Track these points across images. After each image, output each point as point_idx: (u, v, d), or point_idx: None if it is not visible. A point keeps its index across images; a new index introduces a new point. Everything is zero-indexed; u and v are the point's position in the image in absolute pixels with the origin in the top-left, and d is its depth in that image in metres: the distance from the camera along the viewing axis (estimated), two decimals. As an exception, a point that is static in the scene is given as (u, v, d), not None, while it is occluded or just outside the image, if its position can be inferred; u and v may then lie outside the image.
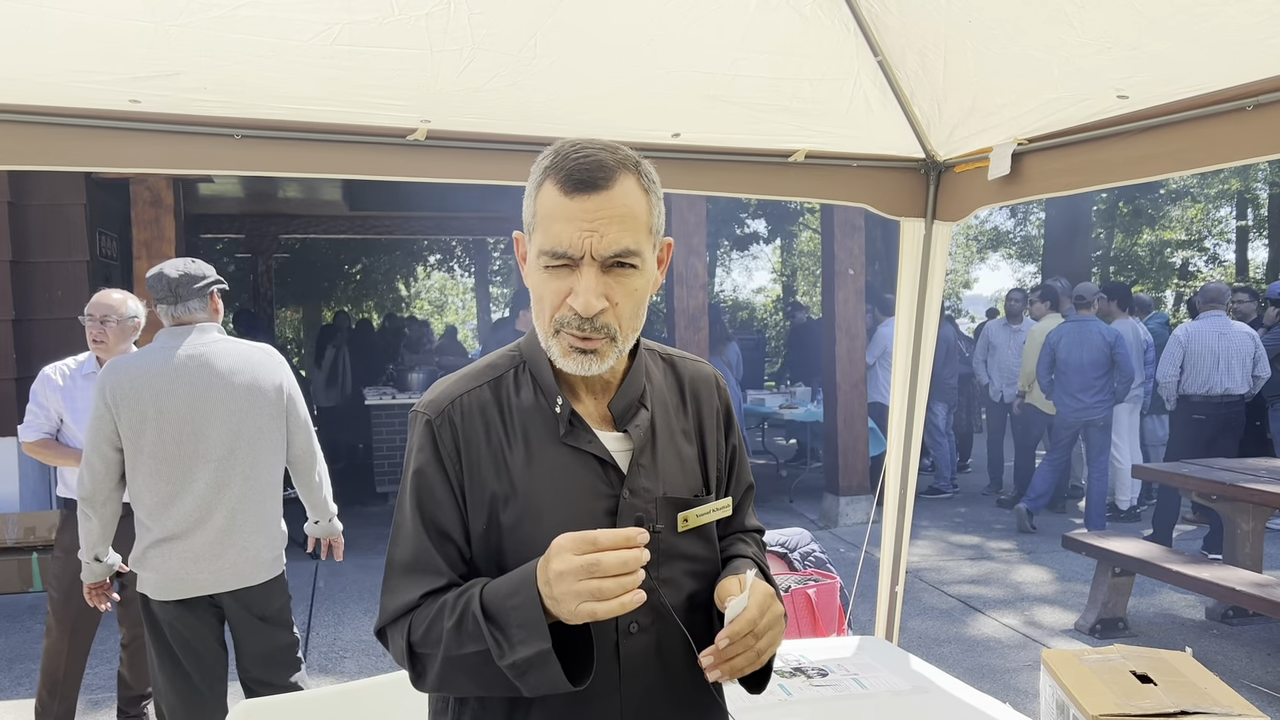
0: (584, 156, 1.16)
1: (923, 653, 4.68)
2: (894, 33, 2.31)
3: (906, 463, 3.08)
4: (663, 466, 1.29)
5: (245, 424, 2.84)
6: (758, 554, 1.42)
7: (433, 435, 1.25)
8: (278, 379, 2.93)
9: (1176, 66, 2.01)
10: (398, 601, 1.22)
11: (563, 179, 1.16)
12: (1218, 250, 21.12)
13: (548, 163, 1.19)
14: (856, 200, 2.90)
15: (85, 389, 3.49)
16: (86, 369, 3.50)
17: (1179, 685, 1.64)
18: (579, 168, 1.15)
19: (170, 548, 2.78)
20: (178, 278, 2.95)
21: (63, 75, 2.10)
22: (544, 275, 1.18)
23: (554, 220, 1.16)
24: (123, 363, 2.85)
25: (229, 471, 2.81)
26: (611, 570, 1.03)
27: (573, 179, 1.15)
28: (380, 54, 2.14)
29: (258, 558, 2.88)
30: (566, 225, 1.15)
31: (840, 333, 7.62)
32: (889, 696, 2.16)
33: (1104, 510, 7.16)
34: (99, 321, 3.43)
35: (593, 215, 1.15)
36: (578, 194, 1.15)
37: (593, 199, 1.15)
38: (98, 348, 3.47)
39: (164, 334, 2.95)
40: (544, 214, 1.18)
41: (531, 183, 1.22)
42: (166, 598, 2.80)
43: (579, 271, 1.16)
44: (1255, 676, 4.43)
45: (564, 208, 1.15)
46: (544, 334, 1.22)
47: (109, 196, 7.03)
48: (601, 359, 1.20)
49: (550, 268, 1.17)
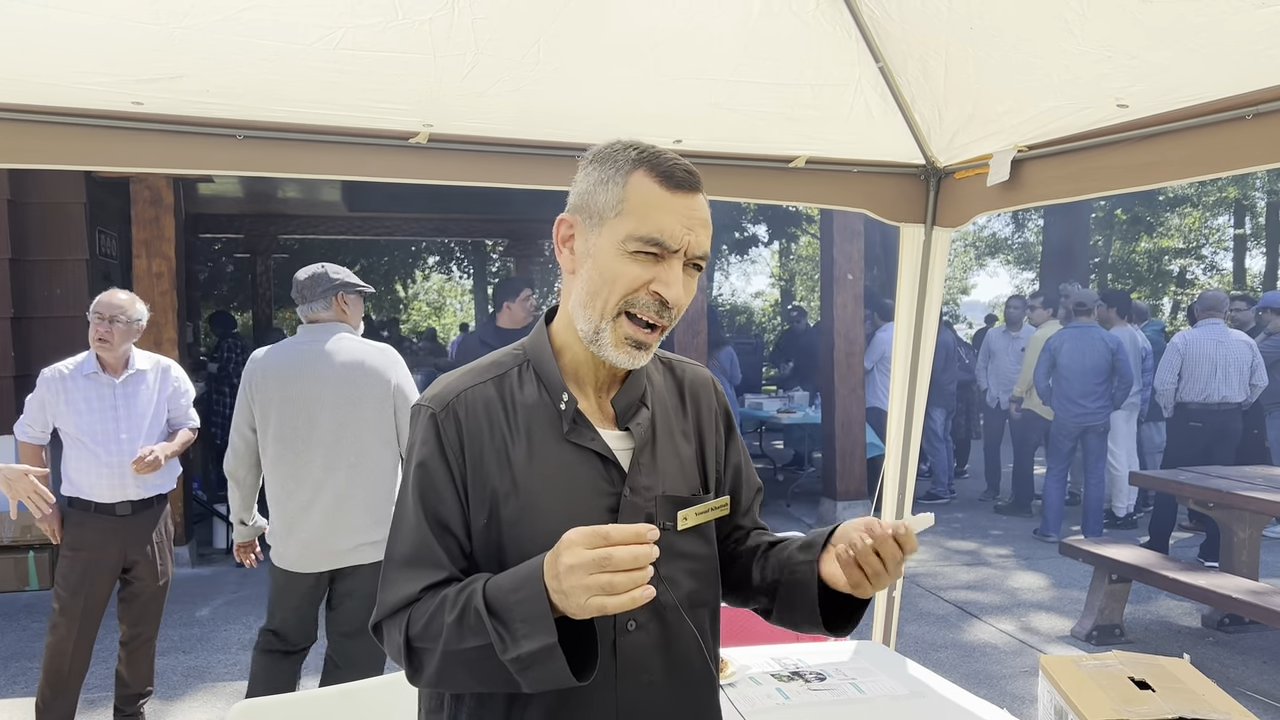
0: (677, 161, 1.22)
1: (919, 658, 4.68)
2: (895, 39, 2.32)
3: (905, 467, 3.08)
4: (662, 465, 1.30)
5: (352, 415, 3.13)
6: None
7: (437, 429, 1.25)
8: (389, 375, 3.21)
9: (1176, 76, 2.02)
10: (397, 595, 1.22)
11: (664, 174, 1.21)
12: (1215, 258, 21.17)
13: (635, 155, 1.23)
14: (856, 205, 2.91)
15: (86, 389, 3.48)
16: (87, 369, 3.50)
17: (1177, 692, 1.64)
18: (678, 167, 1.22)
19: (292, 524, 3.15)
20: (305, 280, 3.29)
21: (66, 77, 2.10)
22: (626, 260, 1.21)
23: (656, 210, 1.20)
24: (261, 354, 3.25)
25: (336, 458, 3.12)
26: (623, 565, 1.03)
27: (674, 176, 1.21)
28: (383, 58, 2.15)
29: (363, 540, 3.16)
30: (670, 217, 1.20)
31: (839, 337, 7.63)
32: (886, 701, 2.16)
33: (1101, 517, 7.17)
34: (107, 321, 3.43)
35: (691, 215, 1.21)
36: (680, 191, 1.21)
37: (691, 199, 1.22)
38: (101, 346, 3.46)
39: (300, 329, 3.33)
40: (640, 202, 1.21)
41: (611, 169, 1.23)
42: (286, 568, 3.19)
43: (667, 264, 1.21)
44: (1251, 684, 4.44)
45: (667, 200, 1.20)
46: (600, 316, 1.23)
47: (109, 195, 7.03)
48: (648, 354, 1.25)
49: (638, 253, 1.20)
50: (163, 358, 3.72)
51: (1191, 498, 5.25)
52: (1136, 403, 7.75)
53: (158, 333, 6.38)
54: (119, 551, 3.54)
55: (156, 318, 6.40)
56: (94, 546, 3.49)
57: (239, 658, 4.79)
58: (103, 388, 3.49)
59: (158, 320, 6.41)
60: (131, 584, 3.63)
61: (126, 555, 3.56)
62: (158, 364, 3.66)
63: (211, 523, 7.06)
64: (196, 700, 4.28)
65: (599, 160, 1.25)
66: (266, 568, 3.34)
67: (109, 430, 3.48)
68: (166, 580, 3.70)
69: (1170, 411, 6.92)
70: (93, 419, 3.46)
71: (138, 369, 3.57)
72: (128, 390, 3.54)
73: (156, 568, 3.64)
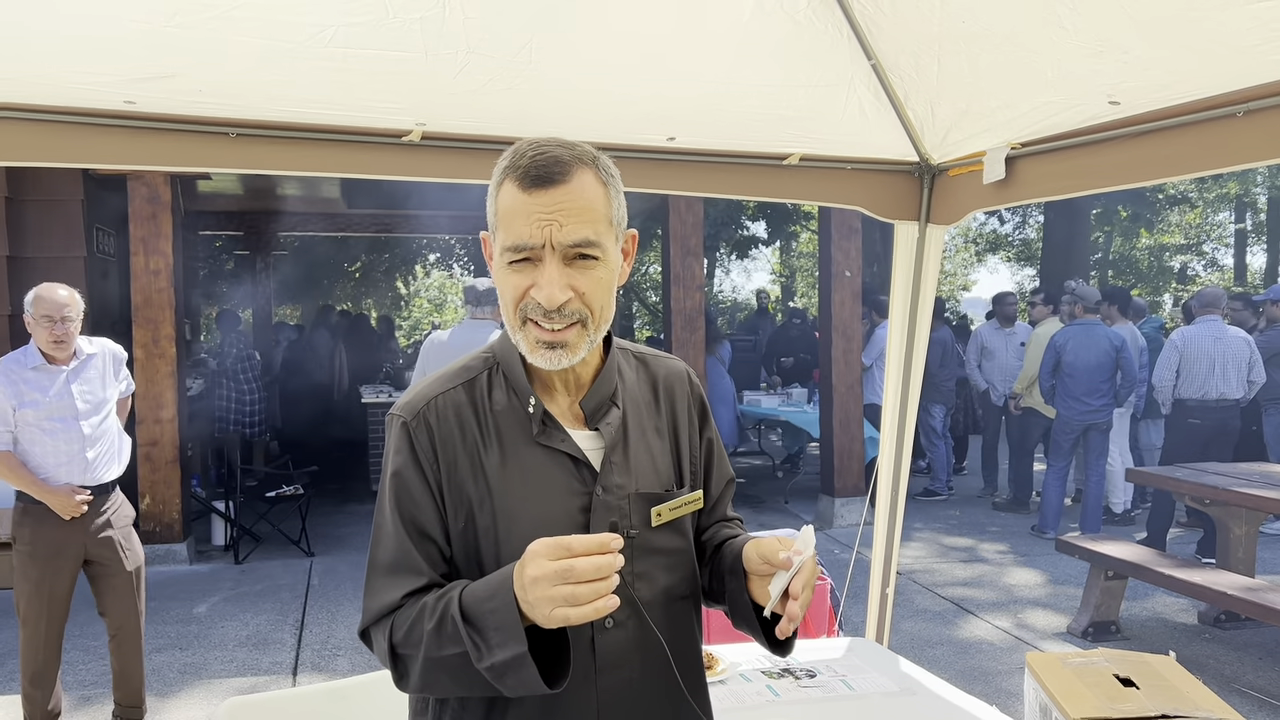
0: (540, 153, 1.19)
1: (915, 655, 4.69)
2: (887, 36, 2.32)
3: (898, 464, 3.09)
4: (635, 463, 1.31)
5: None
6: (747, 536, 1.43)
7: (409, 437, 1.26)
8: None
9: (1168, 73, 2.02)
10: (380, 602, 1.23)
11: (520, 176, 1.19)
12: (1216, 255, 21.15)
13: (506, 163, 1.22)
14: (851, 203, 2.91)
15: (38, 380, 3.41)
16: (30, 362, 3.42)
17: (1161, 689, 1.65)
18: (535, 164, 1.18)
19: None
20: (484, 290, 4.66)
21: (59, 76, 2.10)
22: (508, 272, 1.21)
23: (514, 217, 1.19)
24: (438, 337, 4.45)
25: None
26: (585, 576, 1.04)
27: (530, 175, 1.18)
28: (375, 57, 2.15)
29: None
30: (525, 220, 1.17)
31: (837, 334, 7.63)
32: (877, 698, 2.16)
33: (1100, 514, 7.16)
34: (59, 321, 3.37)
35: (551, 208, 1.17)
36: (536, 189, 1.17)
37: (550, 193, 1.17)
38: (59, 348, 3.41)
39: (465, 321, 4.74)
40: (504, 212, 1.20)
41: (492, 184, 1.24)
42: None
43: (541, 265, 1.18)
44: (1246, 681, 4.45)
45: (523, 203, 1.18)
46: (513, 329, 1.24)
47: (107, 193, 7.03)
48: (572, 351, 1.21)
49: (514, 263, 1.19)
50: (108, 341, 3.69)
51: (1188, 495, 5.25)
52: (1132, 399, 7.75)
53: (156, 329, 6.39)
54: (79, 545, 3.49)
55: (154, 315, 6.42)
56: (51, 542, 3.45)
57: (235, 654, 4.80)
58: (55, 376, 3.44)
59: (156, 317, 6.42)
60: (100, 576, 3.58)
61: (88, 547, 3.51)
62: (104, 346, 3.63)
63: (209, 520, 7.07)
64: (193, 697, 4.29)
65: (493, 173, 1.25)
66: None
67: (68, 416, 3.44)
68: (138, 565, 3.65)
69: (1168, 409, 6.92)
70: (51, 408, 3.41)
71: (87, 353, 3.54)
72: (79, 375, 3.50)
73: (122, 552, 3.58)
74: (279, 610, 5.56)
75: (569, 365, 1.22)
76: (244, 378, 8.61)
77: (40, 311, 3.39)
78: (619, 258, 1.26)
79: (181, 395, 6.61)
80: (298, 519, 6.89)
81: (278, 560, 6.62)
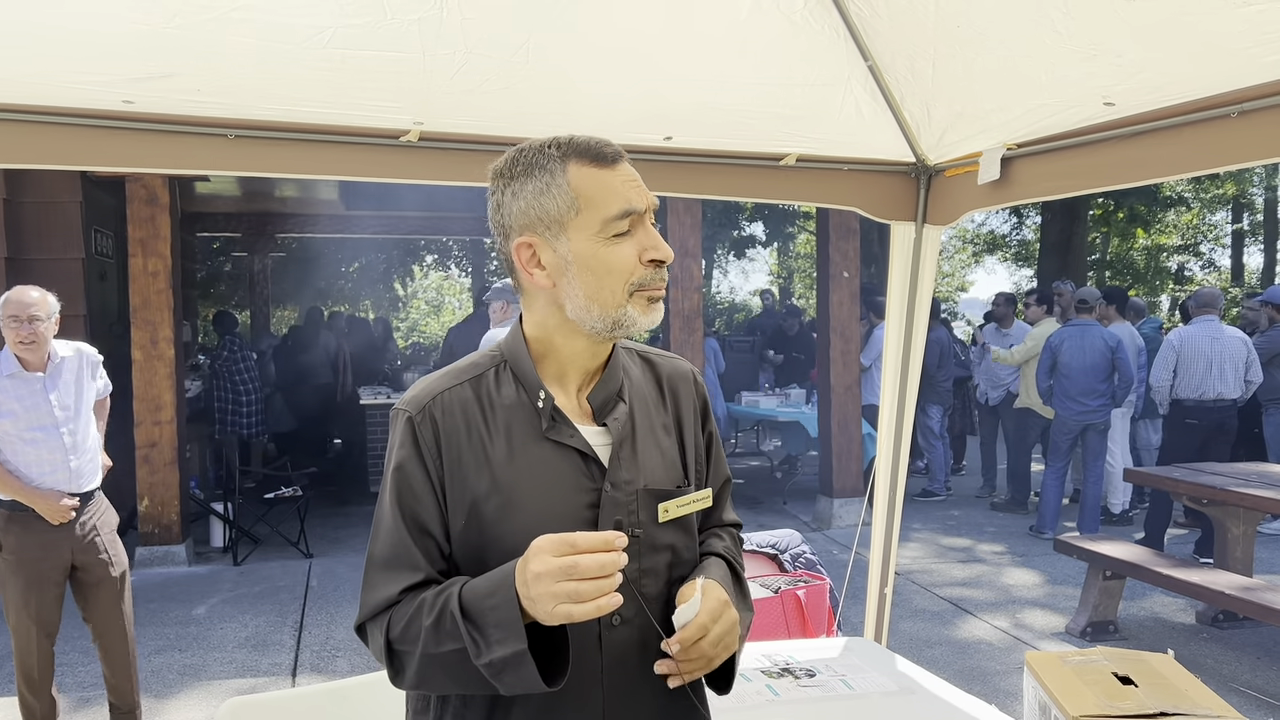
0: (596, 140, 1.24)
1: (913, 655, 4.70)
2: (883, 38, 2.33)
3: (896, 464, 3.09)
4: (643, 459, 1.31)
5: None
6: (731, 548, 1.44)
7: (414, 432, 1.26)
8: None
9: (1161, 75, 2.03)
10: (377, 597, 1.23)
11: (594, 156, 1.22)
12: (1213, 255, 21.18)
13: (558, 153, 1.23)
14: (847, 203, 2.92)
15: (15, 388, 3.35)
16: (7, 369, 3.36)
17: (1160, 687, 1.65)
18: (599, 143, 1.23)
19: None
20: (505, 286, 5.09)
21: (56, 76, 2.11)
22: (609, 247, 1.22)
23: (608, 190, 1.22)
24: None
25: None
26: (589, 573, 1.04)
27: (604, 155, 1.23)
28: (373, 57, 2.16)
29: None
30: (623, 187, 1.22)
31: (835, 335, 7.63)
32: (876, 697, 2.17)
33: (1098, 514, 7.17)
34: (27, 322, 3.31)
35: (631, 178, 1.24)
36: (615, 164, 1.23)
37: (625, 167, 1.24)
38: (27, 349, 3.34)
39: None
40: (590, 189, 1.22)
41: (545, 176, 1.23)
42: None
43: (642, 229, 1.23)
44: (1244, 680, 4.45)
45: (610, 177, 1.22)
46: (615, 306, 1.23)
47: (105, 194, 7.03)
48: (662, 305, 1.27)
49: (617, 236, 1.22)
50: (84, 345, 3.63)
51: (1185, 495, 5.26)
52: (1132, 400, 7.76)
53: (154, 331, 6.38)
54: (65, 551, 3.44)
55: (153, 316, 6.41)
56: (37, 549, 3.40)
57: (234, 656, 4.80)
58: (31, 383, 3.39)
59: (154, 319, 6.42)
60: (85, 582, 3.54)
61: (73, 553, 3.47)
62: (79, 350, 3.57)
63: (208, 521, 7.06)
64: (192, 699, 4.29)
65: (523, 174, 1.24)
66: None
67: (47, 425, 3.40)
68: (123, 571, 3.61)
69: (1166, 409, 6.92)
70: (29, 417, 3.37)
71: (61, 357, 3.48)
72: (55, 382, 3.45)
73: (107, 557, 3.54)
74: (278, 611, 5.56)
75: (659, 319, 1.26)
76: (241, 379, 8.61)
77: (7, 312, 3.33)
78: None
79: (180, 397, 6.61)
80: (296, 520, 6.90)
81: (276, 561, 6.62)
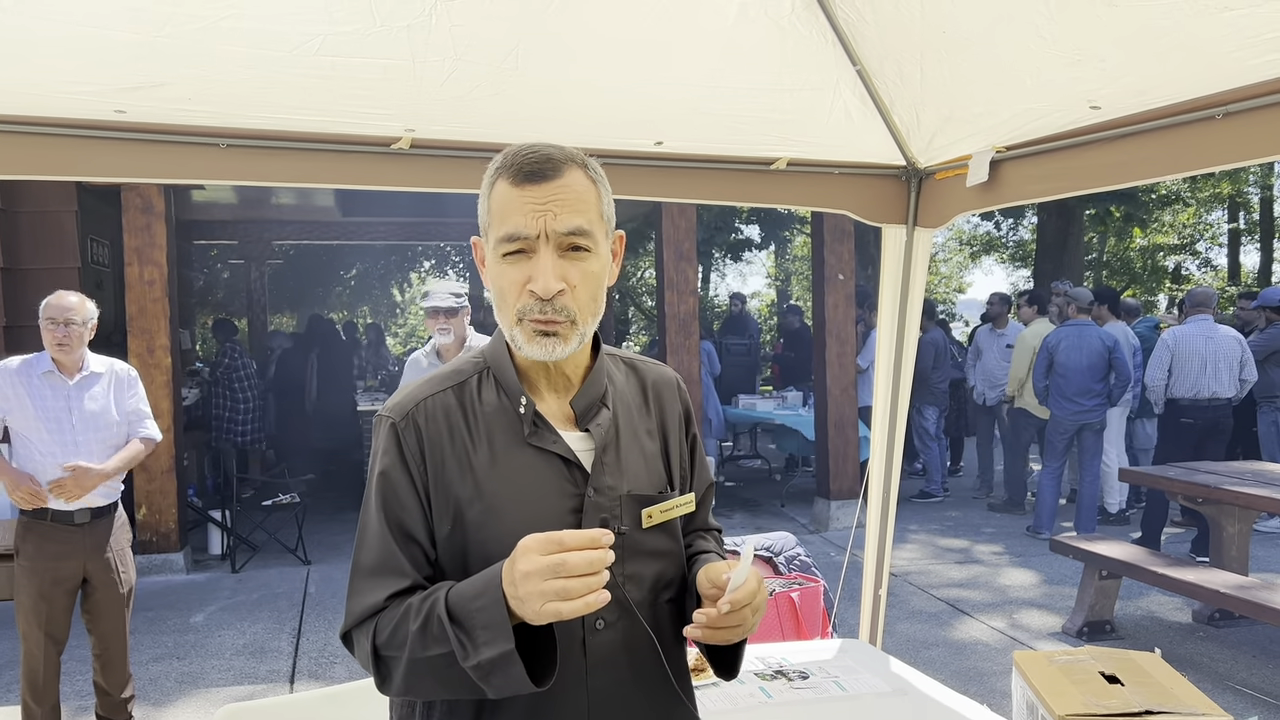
0: (532, 152, 1.23)
1: (910, 656, 4.70)
2: (871, 42, 2.34)
3: (889, 466, 3.10)
4: (626, 464, 1.32)
5: None
6: (719, 550, 1.46)
7: (397, 438, 1.27)
8: None
9: (1146, 78, 2.04)
10: (363, 604, 1.23)
11: (513, 173, 1.22)
12: (1210, 255, 21.21)
13: (498, 165, 1.25)
14: (839, 207, 2.93)
15: (42, 387, 3.41)
16: (41, 367, 3.43)
17: (1146, 686, 1.66)
18: (528, 161, 1.22)
19: None
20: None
21: (48, 86, 2.12)
22: (503, 266, 1.23)
23: (509, 209, 1.22)
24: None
25: None
26: (577, 570, 1.05)
27: (523, 171, 1.22)
28: (363, 65, 2.17)
29: None
30: (520, 211, 1.21)
31: (830, 338, 7.64)
32: (869, 699, 2.18)
33: (1095, 514, 7.18)
34: (63, 325, 3.39)
35: (545, 199, 1.21)
36: (530, 183, 1.21)
37: (543, 186, 1.21)
38: (61, 350, 3.41)
39: None
40: (497, 208, 1.24)
41: (484, 187, 1.28)
42: None
43: (536, 256, 1.21)
44: (1240, 678, 4.46)
45: (517, 197, 1.22)
46: (508, 327, 1.26)
47: (101, 203, 7.05)
48: (564, 342, 1.23)
49: (509, 255, 1.22)
50: (119, 362, 3.66)
51: (1180, 494, 5.27)
52: (1128, 399, 7.78)
53: (150, 339, 6.39)
54: (79, 562, 3.47)
55: (149, 324, 6.42)
56: (52, 558, 3.43)
57: (232, 663, 4.80)
58: (58, 388, 3.43)
59: (150, 327, 6.42)
60: (93, 595, 3.55)
61: (86, 565, 3.49)
62: (111, 367, 3.60)
63: (206, 529, 7.06)
64: (189, 706, 4.29)
65: (484, 178, 1.28)
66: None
67: (63, 433, 3.42)
68: (130, 588, 3.63)
69: (1161, 408, 6.94)
70: (47, 419, 3.40)
71: (91, 371, 3.52)
72: (81, 392, 3.48)
73: (118, 575, 3.57)
74: (276, 618, 5.56)
75: (561, 357, 1.24)
76: (239, 386, 8.62)
77: (46, 315, 3.43)
78: (609, 255, 1.29)
79: (177, 405, 6.61)
80: (294, 527, 6.90)
81: (274, 568, 6.62)
